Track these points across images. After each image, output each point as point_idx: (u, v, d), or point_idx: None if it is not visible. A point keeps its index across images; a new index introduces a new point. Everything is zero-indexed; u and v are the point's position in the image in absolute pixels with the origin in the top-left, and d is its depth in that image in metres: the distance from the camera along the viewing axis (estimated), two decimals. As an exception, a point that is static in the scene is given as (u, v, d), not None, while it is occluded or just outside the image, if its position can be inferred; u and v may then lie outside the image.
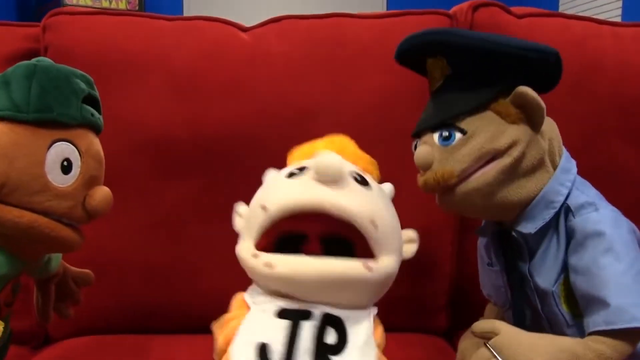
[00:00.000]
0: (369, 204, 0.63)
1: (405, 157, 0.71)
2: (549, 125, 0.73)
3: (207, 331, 1.02)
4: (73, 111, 0.63)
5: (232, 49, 1.04)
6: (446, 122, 0.70)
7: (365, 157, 0.73)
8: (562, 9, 3.54)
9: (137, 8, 3.97)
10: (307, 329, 0.59)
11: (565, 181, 0.71)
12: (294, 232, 0.65)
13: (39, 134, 0.61)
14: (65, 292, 0.80)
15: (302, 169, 0.67)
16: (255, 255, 0.64)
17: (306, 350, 0.58)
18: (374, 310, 0.64)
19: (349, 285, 0.60)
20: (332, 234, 0.65)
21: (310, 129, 1.01)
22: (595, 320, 0.64)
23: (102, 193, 0.65)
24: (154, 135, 1.00)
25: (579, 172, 0.74)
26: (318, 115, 1.02)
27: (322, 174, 0.61)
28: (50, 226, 0.62)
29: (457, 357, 0.77)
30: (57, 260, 0.76)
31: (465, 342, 0.75)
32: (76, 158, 0.63)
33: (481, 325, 0.70)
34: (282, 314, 0.61)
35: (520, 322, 0.75)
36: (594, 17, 1.11)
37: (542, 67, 0.71)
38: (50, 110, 0.61)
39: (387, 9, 4.65)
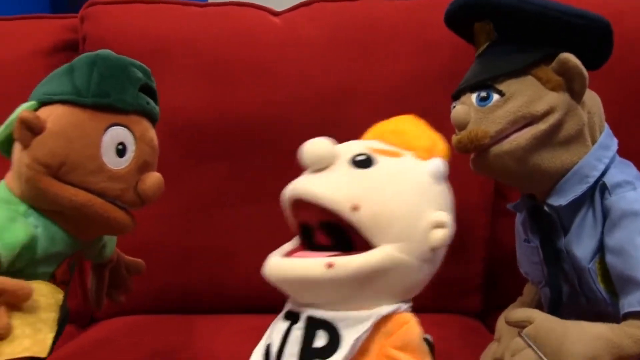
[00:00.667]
0: (352, 187, 0.56)
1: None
2: (592, 99, 0.72)
3: (241, 311, 1.06)
4: (129, 97, 0.66)
5: (264, 33, 1.05)
6: (485, 83, 0.70)
7: (396, 129, 0.66)
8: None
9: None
10: (295, 332, 0.58)
11: (602, 157, 0.70)
12: (303, 223, 0.64)
13: (97, 117, 0.64)
14: (118, 279, 0.82)
15: None
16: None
17: (291, 354, 0.56)
18: (382, 311, 0.57)
19: (315, 285, 0.55)
20: (330, 222, 0.59)
21: (341, 112, 1.02)
22: (630, 301, 0.63)
23: (153, 178, 0.67)
24: (188, 121, 1.02)
25: (619, 153, 0.73)
26: (349, 99, 1.03)
27: (302, 160, 0.60)
28: (104, 207, 0.64)
29: (495, 335, 0.77)
30: (111, 247, 0.79)
31: (504, 322, 0.75)
32: (130, 142, 0.66)
33: (516, 314, 0.69)
34: (286, 315, 0.61)
35: (556, 299, 0.75)
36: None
37: (589, 37, 0.69)
38: (108, 95, 0.64)
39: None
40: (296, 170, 1.01)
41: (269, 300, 1.02)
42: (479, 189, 1.04)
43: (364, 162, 0.59)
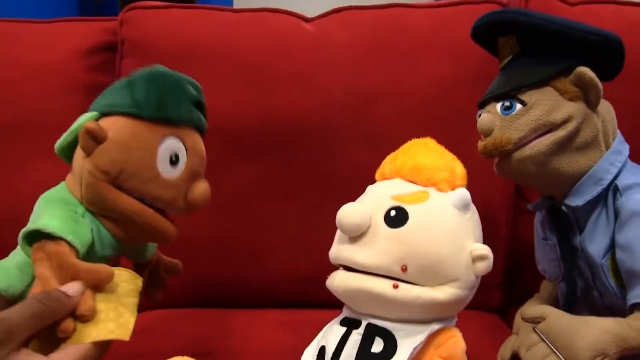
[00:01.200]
0: (396, 250, 0.61)
1: (464, 144, 0.74)
2: (606, 108, 0.77)
3: (272, 305, 1.08)
4: (184, 112, 0.70)
5: (297, 39, 1.08)
6: (509, 94, 0.75)
7: (415, 165, 0.69)
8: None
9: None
10: (354, 336, 0.63)
11: (615, 161, 0.74)
12: None
13: (154, 129, 0.67)
14: (156, 279, 0.85)
15: None
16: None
17: (348, 355, 0.62)
18: (435, 327, 0.63)
19: (378, 300, 0.62)
20: None
21: (373, 116, 1.05)
22: (636, 294, 0.67)
23: (202, 188, 0.71)
24: (223, 122, 1.04)
25: (632, 156, 0.77)
26: (379, 103, 1.05)
27: (342, 231, 0.64)
28: (154, 217, 0.68)
29: (513, 329, 0.81)
30: (153, 248, 0.82)
31: (522, 312, 0.79)
32: (183, 153, 0.69)
33: (530, 311, 0.74)
34: (343, 321, 0.66)
35: (572, 293, 0.79)
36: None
37: (603, 52, 0.74)
38: (165, 109, 0.68)
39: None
40: (328, 170, 1.05)
41: (298, 296, 1.08)
42: (500, 189, 1.06)
43: (397, 220, 0.63)
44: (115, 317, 0.60)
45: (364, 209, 0.64)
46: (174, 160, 0.68)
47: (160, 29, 1.09)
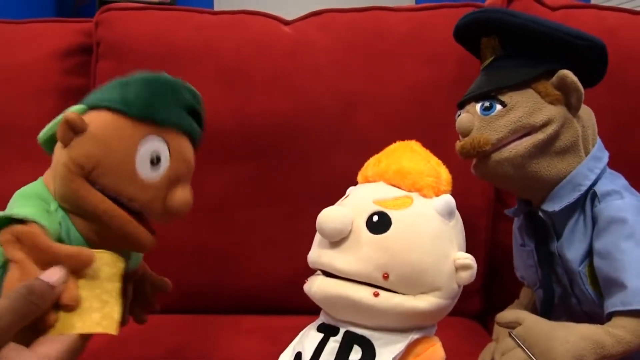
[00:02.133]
0: (377, 257, 0.60)
1: (443, 147, 0.73)
2: (586, 113, 0.76)
3: (250, 312, 1.07)
4: (172, 115, 0.67)
5: (275, 41, 1.07)
6: (489, 94, 0.75)
7: (399, 170, 0.67)
8: (594, 0, 3.50)
9: (169, 0, 4.02)
10: (331, 344, 0.62)
11: (594, 168, 0.74)
12: None
13: (137, 127, 0.64)
14: (142, 296, 0.81)
15: None
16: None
17: None
18: (415, 335, 0.61)
19: (358, 307, 0.60)
20: None
21: (352, 119, 1.05)
22: (613, 302, 0.66)
23: (183, 194, 0.67)
24: None
25: (611, 162, 0.77)
26: (358, 106, 1.05)
27: (322, 236, 0.62)
28: (125, 219, 0.64)
29: (493, 336, 0.80)
30: (136, 259, 0.78)
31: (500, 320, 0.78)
32: (165, 155, 0.66)
33: (505, 315, 0.73)
34: (320, 327, 0.65)
35: (549, 300, 0.78)
36: (628, 7, 1.12)
37: (586, 57, 0.74)
38: (152, 109, 0.65)
39: (416, 3, 4.63)
40: (308, 175, 1.04)
41: (281, 302, 1.06)
42: (480, 194, 1.06)
43: (380, 226, 0.61)
44: (99, 306, 0.57)
45: (345, 213, 0.62)
46: (154, 162, 0.65)
47: (136, 30, 1.07)
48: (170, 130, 0.66)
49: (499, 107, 0.73)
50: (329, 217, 0.61)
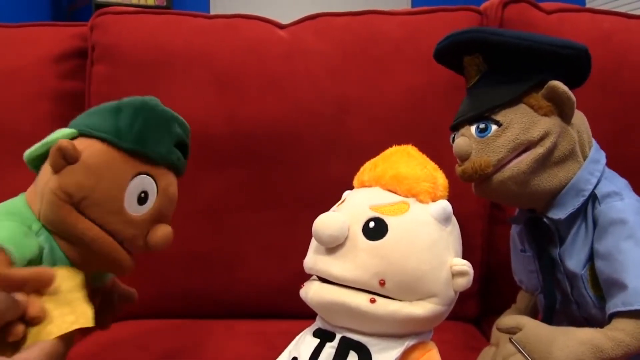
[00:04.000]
0: (374, 264, 0.60)
1: (438, 152, 0.73)
2: (579, 118, 0.76)
3: (244, 316, 1.07)
4: (163, 150, 0.68)
5: (270, 45, 1.07)
6: (482, 115, 0.74)
7: (396, 175, 0.66)
8: (589, 4, 3.52)
9: (164, 4, 4.03)
10: (327, 349, 0.61)
11: (594, 171, 0.74)
12: None
13: (129, 162, 0.65)
14: (108, 305, 0.81)
15: None
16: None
17: None
18: (411, 341, 0.61)
19: (354, 314, 0.60)
20: None
21: (345, 125, 1.04)
22: (615, 302, 0.66)
23: (164, 232, 0.69)
24: (196, 129, 1.00)
25: (608, 165, 0.77)
26: (353, 111, 1.05)
27: (318, 242, 0.62)
28: (112, 246, 0.66)
29: (491, 340, 0.80)
30: (108, 275, 0.80)
31: (500, 324, 0.78)
32: (153, 193, 0.67)
33: (506, 321, 0.73)
34: (316, 332, 0.64)
35: (551, 305, 0.78)
36: (623, 11, 1.12)
37: (573, 63, 0.74)
38: (145, 144, 0.66)
39: (412, 6, 4.64)
40: (302, 179, 1.04)
41: (274, 307, 1.06)
42: (475, 199, 1.02)
43: (376, 232, 0.61)
44: (70, 310, 0.58)
45: (341, 219, 0.61)
46: (142, 198, 0.66)
47: (131, 34, 1.07)
48: (159, 167, 0.68)
49: (494, 127, 0.73)
50: (325, 223, 0.61)
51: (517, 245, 0.85)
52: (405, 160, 0.68)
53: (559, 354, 0.64)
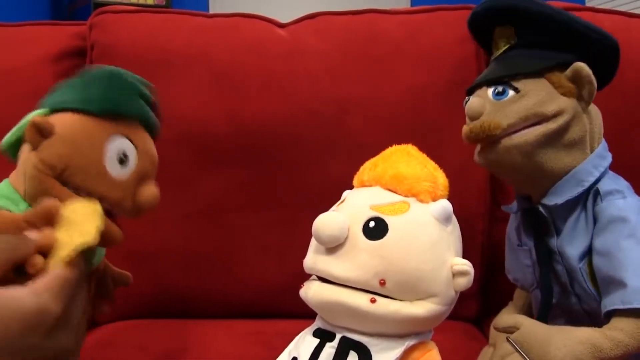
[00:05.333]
0: (374, 264, 0.60)
1: (438, 151, 0.73)
2: (595, 112, 0.76)
3: (243, 316, 1.07)
4: (136, 108, 0.69)
5: (270, 45, 1.07)
6: (502, 80, 0.74)
7: (396, 175, 0.66)
8: (589, 3, 3.51)
9: (164, 3, 4.02)
10: (327, 349, 0.62)
11: (598, 165, 0.74)
12: None
13: (103, 125, 0.66)
14: (103, 289, 0.83)
15: None
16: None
17: None
18: (411, 341, 0.61)
19: (355, 314, 0.60)
20: None
21: (346, 124, 1.04)
22: (613, 300, 0.66)
23: (150, 191, 0.69)
24: (195, 128, 1.04)
25: (610, 165, 0.76)
26: (353, 110, 1.05)
27: (318, 242, 0.62)
28: None
29: (490, 340, 0.80)
30: (100, 256, 0.79)
31: (497, 323, 0.77)
32: (133, 154, 0.68)
33: (503, 320, 0.73)
34: (316, 332, 0.65)
35: (547, 299, 0.78)
36: (624, 10, 1.12)
37: (600, 53, 0.74)
38: (116, 105, 0.67)
39: (412, 5, 4.63)
40: (302, 179, 1.04)
41: (273, 307, 1.06)
42: (476, 197, 1.06)
43: (376, 232, 0.61)
44: (78, 234, 0.56)
45: (341, 219, 0.61)
46: (123, 160, 0.67)
47: (131, 33, 1.07)
48: (134, 128, 0.69)
49: (511, 92, 0.73)
50: (325, 223, 0.61)
51: (513, 241, 0.85)
52: (405, 160, 0.68)
53: (557, 353, 0.64)
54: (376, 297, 0.59)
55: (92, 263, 0.77)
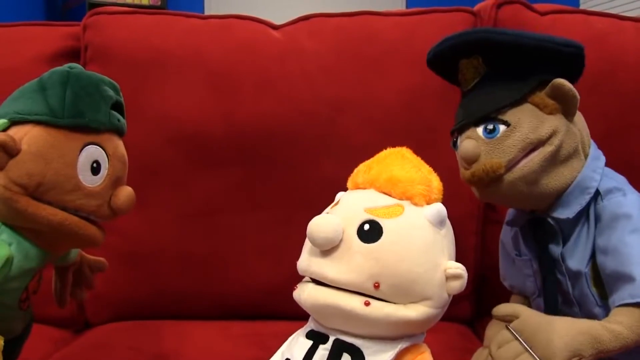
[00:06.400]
0: (368, 267, 0.60)
1: (432, 152, 0.73)
2: (578, 117, 0.76)
3: (238, 317, 1.07)
4: (102, 117, 0.67)
5: (264, 46, 1.07)
6: (489, 116, 0.73)
7: (391, 178, 0.66)
8: (582, 5, 3.52)
9: (159, 4, 4.01)
10: (321, 351, 0.62)
11: (597, 168, 0.74)
12: None
13: (72, 137, 0.64)
14: (81, 278, 0.83)
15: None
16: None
17: None
18: (404, 344, 0.61)
19: (349, 316, 0.59)
20: None
21: (340, 125, 1.04)
22: (621, 295, 0.66)
23: (126, 193, 0.69)
24: (189, 130, 1.03)
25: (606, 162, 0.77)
26: (348, 111, 1.05)
27: (313, 244, 0.62)
28: (79, 224, 0.66)
29: (484, 342, 0.80)
30: (75, 250, 0.80)
31: (493, 329, 0.77)
32: (104, 160, 0.67)
33: (502, 308, 0.73)
34: (309, 334, 0.64)
35: (552, 307, 0.77)
36: (616, 13, 1.13)
37: (571, 61, 0.74)
38: (83, 116, 0.65)
39: (407, 7, 4.64)
40: (296, 180, 1.04)
41: (268, 308, 1.06)
42: (469, 199, 1.04)
43: (371, 235, 0.61)
44: None
45: (336, 222, 0.61)
46: (95, 168, 0.66)
47: (124, 34, 1.06)
48: (102, 133, 0.67)
49: (502, 127, 0.72)
50: (320, 225, 0.61)
51: (508, 250, 0.84)
52: (399, 163, 0.67)
53: (559, 342, 0.64)
54: (370, 300, 0.59)
55: (68, 260, 0.79)
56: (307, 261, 0.63)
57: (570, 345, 0.63)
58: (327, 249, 0.61)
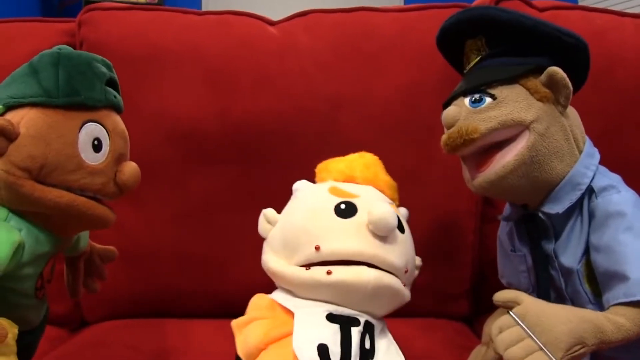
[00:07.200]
0: (406, 254, 0.71)
1: (430, 148, 0.73)
2: (572, 112, 0.76)
3: (236, 315, 1.06)
4: (97, 94, 0.67)
5: (261, 42, 1.06)
6: (478, 88, 0.74)
7: (389, 181, 0.79)
8: (582, 2, 3.52)
9: (156, 1, 4.00)
10: (355, 335, 0.64)
11: (590, 165, 0.74)
12: None
13: (70, 116, 0.64)
14: (92, 268, 0.83)
15: (349, 207, 0.70)
16: (307, 268, 0.68)
17: (356, 355, 0.63)
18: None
19: (392, 295, 0.69)
20: None
21: (337, 121, 1.04)
22: (615, 294, 0.66)
23: (130, 168, 0.69)
24: (186, 127, 1.03)
25: (600, 164, 0.76)
26: (344, 107, 1.04)
27: (379, 230, 0.67)
28: (87, 205, 0.65)
29: (483, 339, 0.79)
30: (85, 239, 0.80)
31: (491, 325, 0.77)
32: (105, 137, 0.67)
33: (504, 294, 0.72)
34: (331, 318, 0.66)
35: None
36: (615, 9, 1.12)
37: (572, 56, 0.74)
38: (78, 94, 0.65)
39: (405, 3, 4.63)
40: (294, 177, 1.03)
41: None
42: (467, 197, 1.05)
43: (400, 226, 0.72)
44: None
45: (395, 213, 0.69)
46: (96, 145, 0.66)
47: (120, 30, 1.06)
48: (100, 110, 0.67)
49: (488, 99, 0.73)
50: (391, 214, 0.67)
51: (505, 246, 0.84)
52: (383, 170, 0.79)
53: (563, 328, 0.63)
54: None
55: (78, 249, 0.79)
56: (360, 245, 0.67)
57: (574, 331, 0.63)
58: (383, 236, 0.68)
